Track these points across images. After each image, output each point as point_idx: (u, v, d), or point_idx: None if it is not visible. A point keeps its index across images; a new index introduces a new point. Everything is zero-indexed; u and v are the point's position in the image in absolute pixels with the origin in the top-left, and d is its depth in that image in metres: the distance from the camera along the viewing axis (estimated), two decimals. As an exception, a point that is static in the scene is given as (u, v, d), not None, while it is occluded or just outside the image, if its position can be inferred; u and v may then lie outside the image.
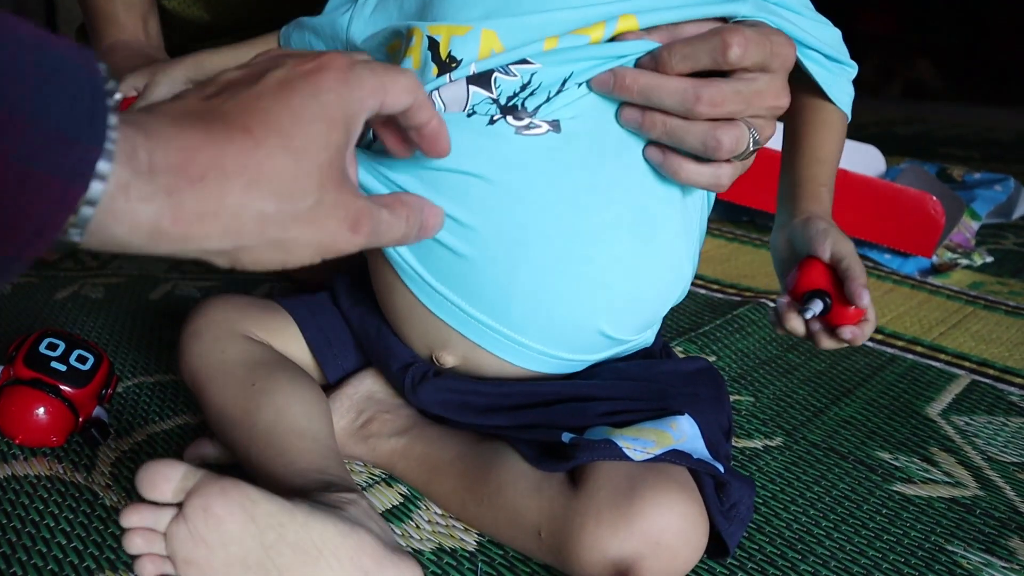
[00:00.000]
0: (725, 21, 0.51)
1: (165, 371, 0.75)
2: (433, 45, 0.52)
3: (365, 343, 0.63)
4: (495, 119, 0.51)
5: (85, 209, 0.31)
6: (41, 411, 0.60)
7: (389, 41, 0.57)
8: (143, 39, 0.83)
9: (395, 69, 0.39)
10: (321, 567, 0.43)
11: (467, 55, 0.51)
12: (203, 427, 0.65)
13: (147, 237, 0.33)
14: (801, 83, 0.59)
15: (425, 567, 0.52)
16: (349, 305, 0.64)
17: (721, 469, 0.51)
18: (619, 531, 0.47)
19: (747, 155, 0.51)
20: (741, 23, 0.50)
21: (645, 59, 0.50)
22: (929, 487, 0.62)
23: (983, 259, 1.15)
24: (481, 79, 0.51)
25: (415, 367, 0.59)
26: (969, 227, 1.21)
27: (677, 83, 0.49)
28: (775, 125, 0.52)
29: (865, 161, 1.34)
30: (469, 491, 0.56)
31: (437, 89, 0.52)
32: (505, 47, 0.50)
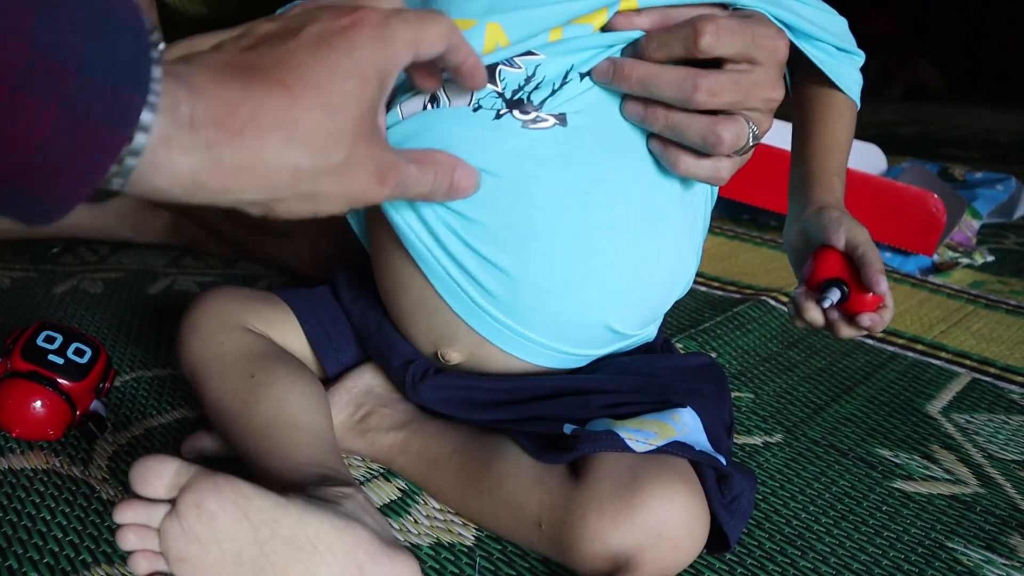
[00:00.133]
0: (726, 8, 0.51)
1: (163, 365, 0.75)
2: None
3: (365, 338, 0.63)
4: (501, 113, 0.51)
5: (129, 160, 0.32)
6: (38, 404, 0.60)
7: None
8: None
9: (428, 17, 0.40)
10: (316, 562, 0.43)
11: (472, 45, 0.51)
12: (201, 421, 0.65)
13: (186, 188, 0.34)
14: (810, 73, 0.58)
15: (423, 562, 0.52)
16: (350, 299, 0.64)
17: (723, 461, 0.51)
18: (620, 523, 0.47)
19: (746, 150, 0.51)
20: (720, 13, 0.50)
21: (628, 48, 0.50)
22: (929, 484, 0.62)
23: (984, 258, 1.15)
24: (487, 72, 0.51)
25: (416, 364, 0.58)
26: (970, 226, 1.21)
27: (675, 72, 0.48)
28: (772, 118, 0.52)
29: (866, 160, 1.34)
30: (469, 484, 0.55)
31: (443, 83, 0.51)
32: (511, 40, 0.50)
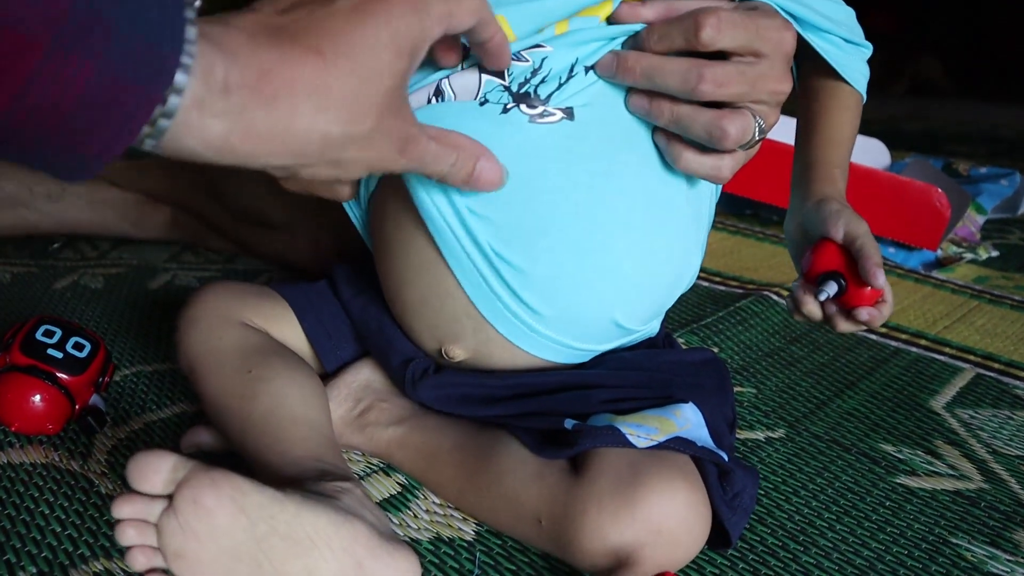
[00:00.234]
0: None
1: (163, 360, 0.75)
2: None
3: (364, 335, 0.62)
4: (508, 107, 0.50)
5: (162, 121, 0.32)
6: (37, 398, 0.60)
7: None
8: None
9: None
10: (314, 558, 0.43)
11: None
12: (200, 416, 0.65)
13: (216, 151, 0.35)
14: (816, 65, 0.58)
15: (422, 556, 0.51)
16: (349, 295, 0.63)
17: (725, 457, 0.51)
18: (620, 518, 0.47)
19: (752, 144, 0.51)
20: (724, 5, 0.49)
21: (629, 41, 0.50)
22: (933, 480, 0.61)
23: (988, 253, 1.14)
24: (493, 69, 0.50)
25: (416, 363, 0.58)
26: (974, 221, 1.20)
27: (679, 63, 0.48)
28: (779, 112, 0.51)
29: (870, 155, 1.33)
30: (468, 480, 0.55)
31: (447, 77, 0.50)
32: (517, 35, 0.49)
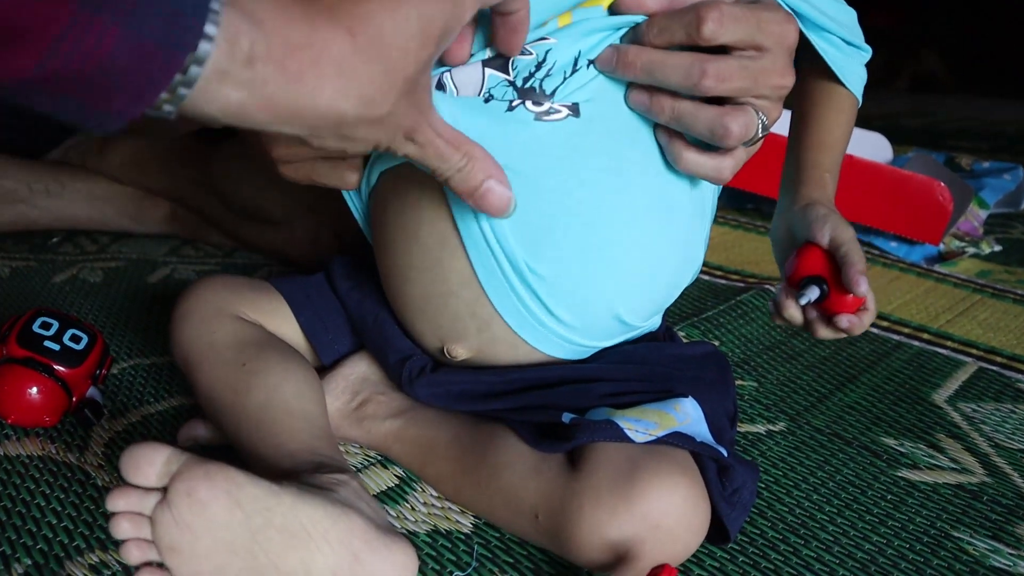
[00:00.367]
0: None
1: (161, 353, 0.75)
2: None
3: (361, 330, 0.62)
4: (514, 104, 0.49)
5: (182, 89, 0.32)
6: (34, 390, 0.60)
7: None
8: None
9: None
10: (311, 551, 0.42)
11: (481, 37, 0.49)
12: (198, 409, 0.64)
13: (232, 117, 0.35)
14: (813, 65, 0.57)
15: (420, 549, 0.51)
16: (347, 288, 0.63)
17: (724, 453, 0.50)
18: (618, 514, 0.46)
19: (755, 141, 0.50)
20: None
21: (628, 34, 0.49)
22: (935, 473, 0.61)
23: (991, 248, 1.14)
24: (497, 61, 0.49)
25: (412, 361, 0.57)
26: (977, 215, 1.19)
27: (681, 58, 0.47)
28: (781, 107, 0.51)
29: (872, 149, 1.33)
30: (465, 474, 0.55)
31: (449, 71, 0.49)
32: None
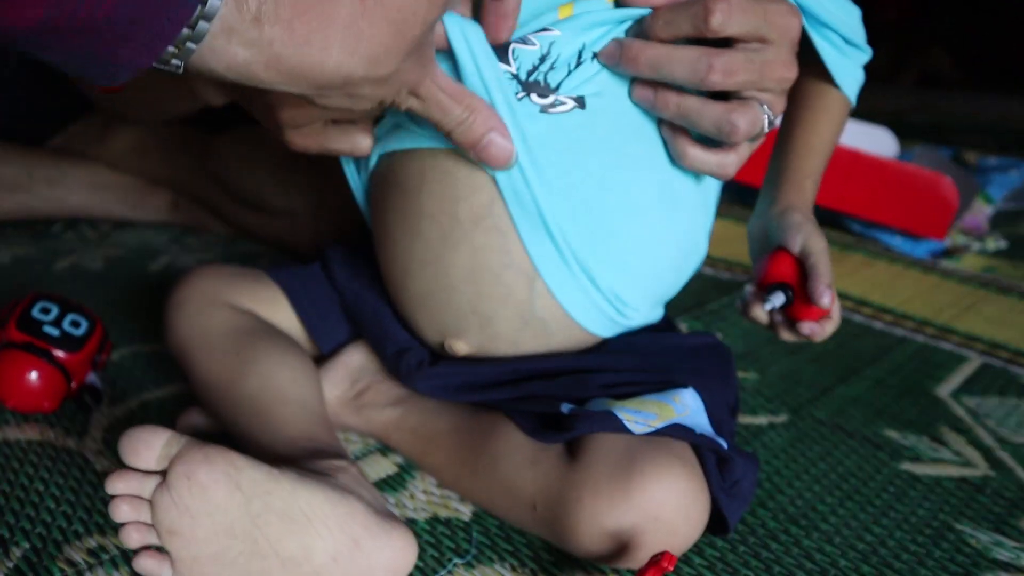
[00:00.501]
0: None
1: (162, 340, 0.74)
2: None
3: (358, 320, 0.61)
4: (519, 97, 0.48)
5: (189, 44, 0.33)
6: (33, 375, 0.60)
7: None
8: None
9: None
10: (310, 536, 0.42)
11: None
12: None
13: (239, 75, 0.36)
14: (809, 62, 0.56)
15: (419, 536, 0.51)
16: (344, 278, 0.62)
17: (724, 445, 0.50)
18: (617, 505, 0.46)
19: (761, 136, 0.50)
20: None
21: (633, 27, 0.48)
22: (938, 466, 0.61)
23: (996, 244, 1.13)
24: (498, 52, 0.48)
25: (410, 354, 0.57)
26: (983, 211, 1.19)
27: (687, 52, 0.46)
28: (785, 100, 0.50)
29: (878, 144, 1.32)
30: (463, 463, 0.54)
31: None
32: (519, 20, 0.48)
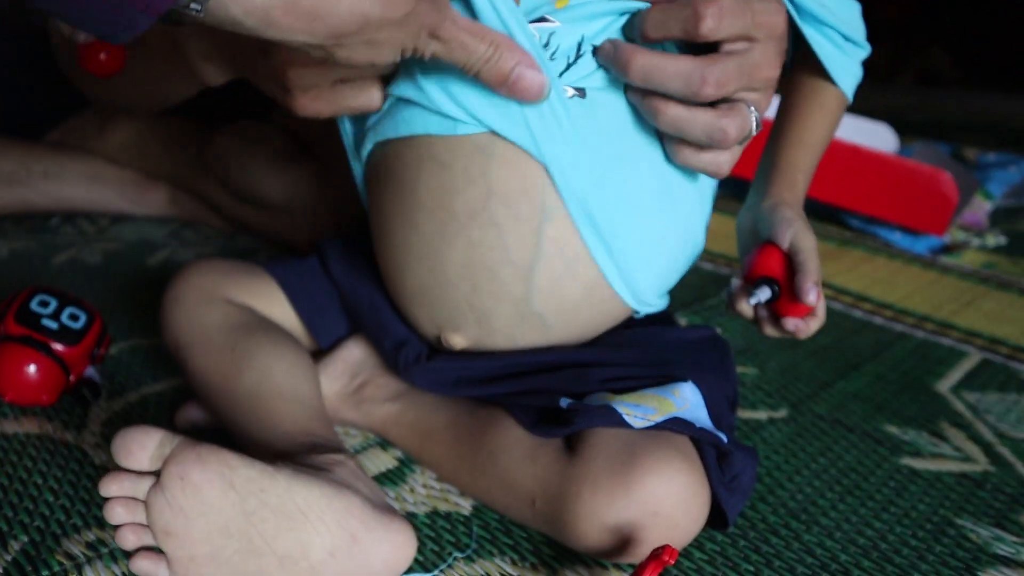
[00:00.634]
0: None
1: (160, 334, 0.74)
2: None
3: (356, 314, 0.61)
4: None
5: None
6: (32, 369, 0.59)
7: None
8: None
9: None
10: (307, 532, 0.42)
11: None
12: (197, 390, 0.64)
13: (258, 22, 0.36)
14: (806, 59, 0.56)
15: (419, 530, 0.51)
16: (341, 271, 0.62)
17: (724, 439, 0.50)
18: (616, 500, 0.46)
19: (750, 136, 0.49)
20: None
21: (628, 22, 0.48)
22: (938, 461, 0.61)
23: (996, 240, 1.13)
24: None
25: (408, 348, 0.56)
26: (982, 207, 1.19)
27: (681, 65, 0.45)
28: (771, 95, 0.50)
29: (878, 140, 1.32)
30: (462, 458, 0.54)
31: None
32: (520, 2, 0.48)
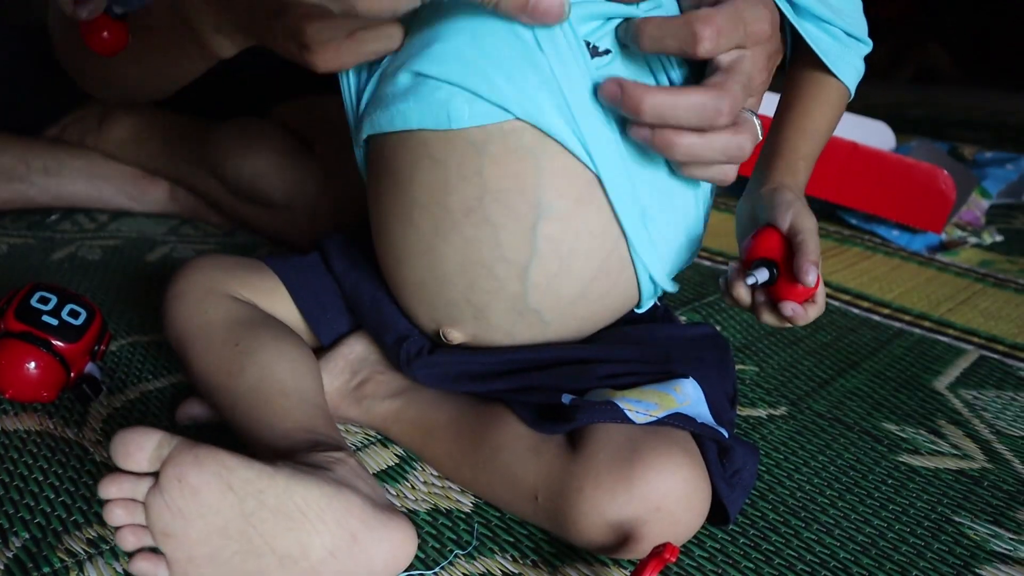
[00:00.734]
0: None
1: (160, 331, 0.74)
2: None
3: (357, 310, 0.61)
4: None
5: None
6: (32, 365, 0.59)
7: None
8: None
9: None
10: (306, 531, 0.42)
11: None
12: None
13: None
14: (808, 53, 0.56)
15: (419, 528, 0.51)
16: (342, 268, 0.62)
17: (725, 434, 0.50)
18: (618, 495, 0.46)
19: (757, 142, 0.50)
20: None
21: (621, 26, 0.48)
22: (936, 459, 0.61)
23: (993, 238, 1.14)
24: None
25: (410, 342, 0.56)
26: (979, 205, 1.19)
27: (693, 98, 0.44)
28: (762, 95, 0.50)
29: (875, 137, 1.32)
30: (463, 455, 0.54)
31: None
32: None
